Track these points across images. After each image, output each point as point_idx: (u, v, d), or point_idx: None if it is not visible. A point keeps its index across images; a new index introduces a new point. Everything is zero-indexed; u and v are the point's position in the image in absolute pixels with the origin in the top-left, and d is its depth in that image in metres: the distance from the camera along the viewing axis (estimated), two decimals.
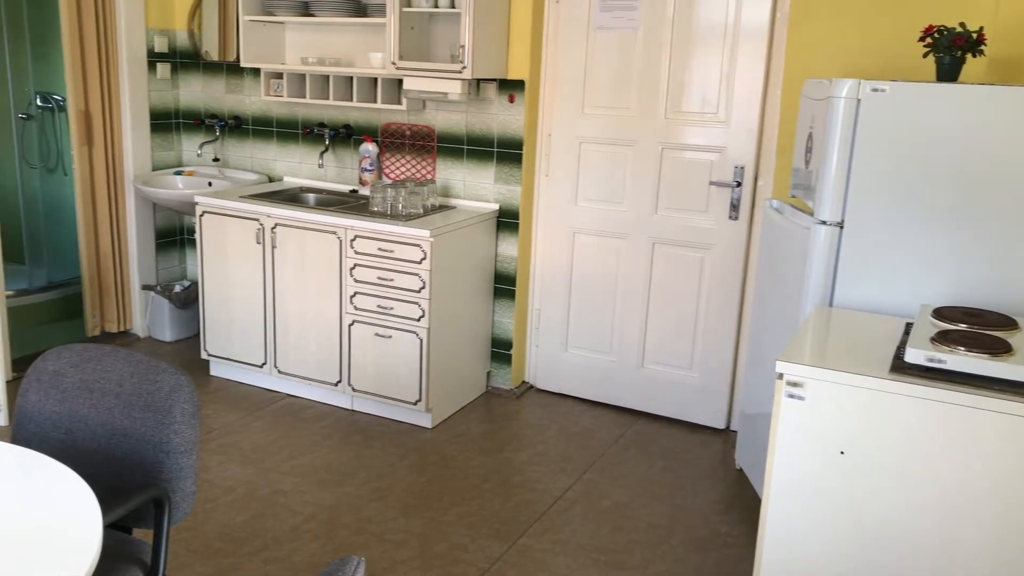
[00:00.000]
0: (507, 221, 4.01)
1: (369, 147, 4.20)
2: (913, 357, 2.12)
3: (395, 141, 4.21)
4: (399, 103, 4.01)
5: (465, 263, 3.83)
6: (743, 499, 3.29)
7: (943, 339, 2.17)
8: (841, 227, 2.70)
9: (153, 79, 4.57)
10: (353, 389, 3.84)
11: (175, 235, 4.86)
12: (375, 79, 4.01)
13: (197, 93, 4.71)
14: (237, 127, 4.64)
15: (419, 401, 3.71)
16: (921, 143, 2.56)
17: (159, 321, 4.66)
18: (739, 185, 3.64)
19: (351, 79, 4.08)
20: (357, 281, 3.71)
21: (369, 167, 4.22)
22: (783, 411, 2.20)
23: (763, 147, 3.60)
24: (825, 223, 2.71)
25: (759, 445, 3.17)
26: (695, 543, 2.98)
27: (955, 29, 2.71)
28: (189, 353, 4.52)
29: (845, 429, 2.14)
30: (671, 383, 3.95)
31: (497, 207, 4.00)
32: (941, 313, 2.41)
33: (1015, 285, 2.54)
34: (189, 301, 4.66)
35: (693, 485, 3.39)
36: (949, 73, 2.73)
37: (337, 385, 3.88)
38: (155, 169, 4.66)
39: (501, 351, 4.16)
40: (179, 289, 4.65)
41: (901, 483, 2.12)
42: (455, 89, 3.73)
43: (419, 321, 3.62)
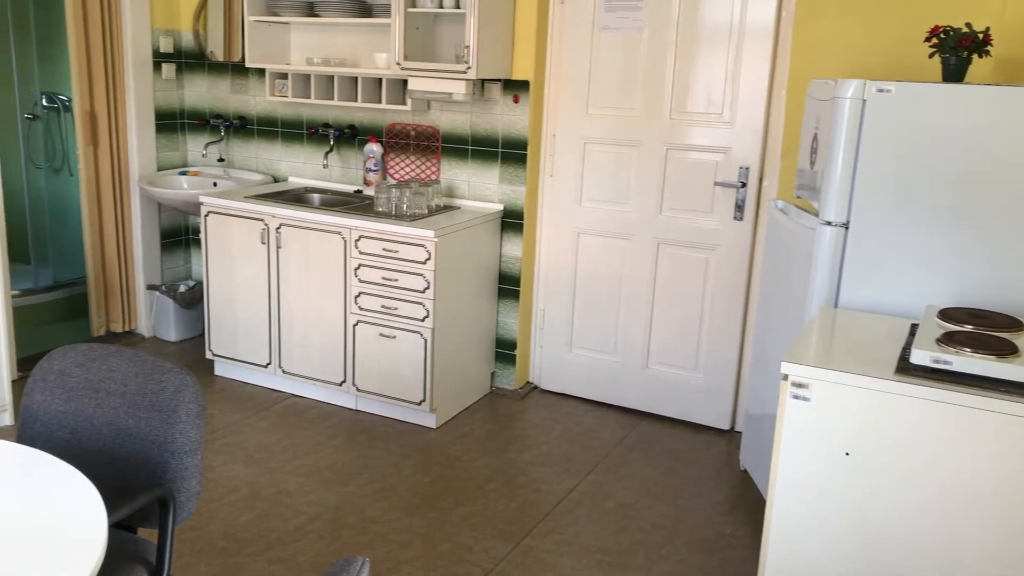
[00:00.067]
0: (511, 221, 4.01)
1: (374, 147, 4.20)
2: (919, 358, 2.12)
3: (400, 141, 4.22)
4: (404, 103, 4.01)
5: (469, 263, 3.83)
6: (747, 500, 3.29)
7: (949, 340, 2.16)
8: (846, 228, 2.69)
9: (158, 79, 4.58)
10: (357, 389, 3.85)
11: (180, 235, 4.87)
12: (380, 79, 4.02)
13: (202, 93, 4.72)
14: (242, 127, 4.64)
15: (423, 401, 3.71)
16: (927, 144, 2.55)
17: (164, 321, 4.67)
18: (744, 186, 3.63)
19: (356, 79, 4.08)
20: (361, 281, 3.72)
21: (373, 167, 4.22)
22: (788, 412, 2.20)
23: (768, 148, 3.59)
24: (830, 224, 2.71)
25: (764, 446, 3.17)
26: (699, 544, 2.98)
27: (961, 29, 2.71)
28: (194, 353, 4.53)
29: (850, 430, 2.14)
30: (675, 384, 3.95)
31: (501, 207, 4.00)
32: (947, 314, 2.40)
33: (1021, 286, 2.53)
34: (194, 301, 4.67)
35: (697, 486, 3.38)
36: (955, 73, 2.72)
37: (341, 385, 3.88)
38: (160, 169, 4.67)
39: (505, 351, 4.16)
40: (184, 289, 4.65)
41: (906, 484, 2.11)
42: (460, 89, 3.73)
43: (423, 321, 3.62)
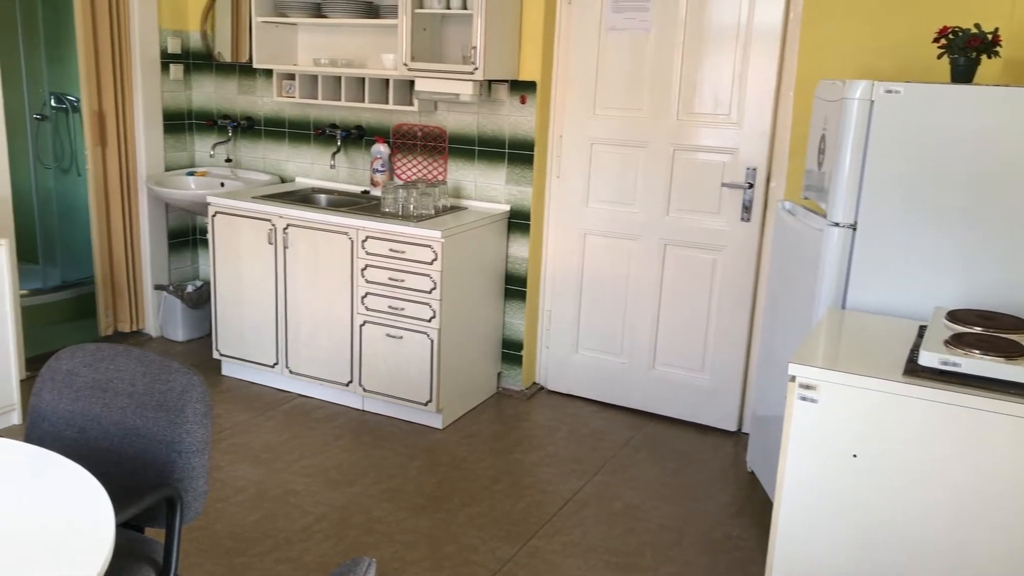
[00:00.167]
0: (518, 222, 4.01)
1: (381, 148, 4.20)
2: (927, 360, 2.11)
3: (407, 142, 4.22)
4: (411, 104, 4.01)
5: (476, 264, 3.83)
6: (754, 501, 3.28)
7: (957, 342, 2.15)
8: (854, 229, 2.68)
9: (166, 80, 4.59)
10: (364, 389, 3.85)
11: (187, 235, 4.88)
12: (387, 80, 4.02)
13: (210, 94, 4.73)
14: (249, 128, 4.65)
15: (430, 402, 3.71)
16: (935, 145, 2.54)
17: (171, 321, 4.68)
18: (751, 187, 3.62)
19: (363, 80, 4.08)
20: (368, 282, 3.72)
21: (381, 168, 4.22)
22: (795, 414, 2.19)
23: (775, 149, 3.58)
24: (838, 225, 2.70)
25: (771, 447, 3.16)
26: (706, 545, 2.97)
27: (970, 30, 2.69)
28: (201, 353, 4.54)
29: (858, 432, 2.13)
30: (682, 385, 3.94)
31: (508, 208, 4.00)
32: (955, 316, 2.39)
33: None
34: (201, 301, 4.68)
35: (704, 487, 3.38)
36: (964, 74, 2.71)
37: (348, 385, 3.89)
38: (168, 170, 4.68)
39: (512, 352, 4.16)
40: (191, 289, 4.67)
41: (914, 486, 2.11)
42: (467, 90, 3.73)
43: (430, 322, 3.62)
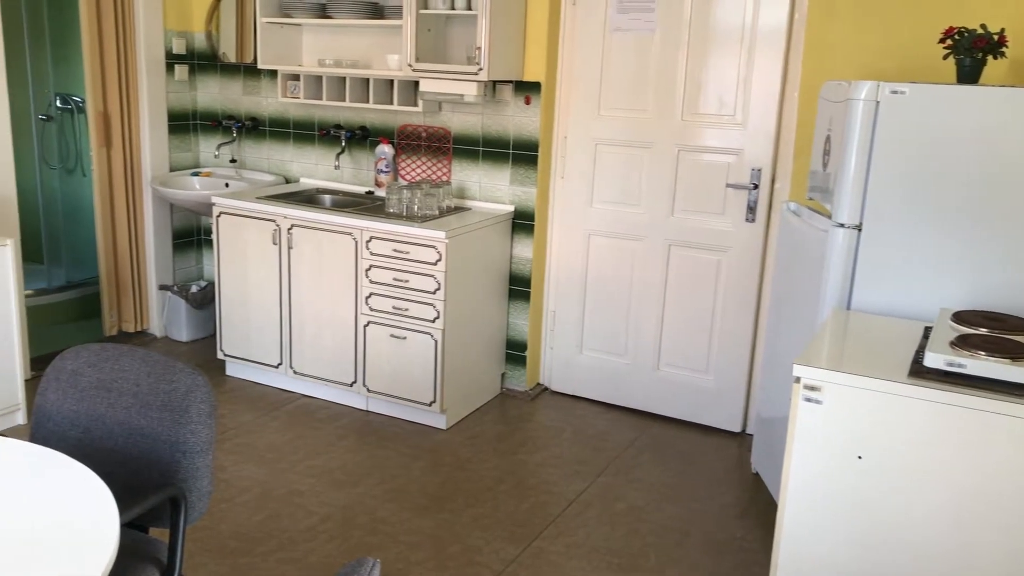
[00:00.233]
0: (522, 223, 4.01)
1: (385, 149, 4.20)
2: (932, 361, 2.10)
3: (411, 143, 4.22)
4: (415, 105, 4.01)
5: (480, 265, 3.83)
6: (759, 503, 3.27)
7: (963, 343, 2.15)
8: (859, 230, 2.68)
9: (171, 81, 4.60)
10: (368, 390, 3.85)
11: (192, 236, 4.88)
12: (391, 81, 4.02)
13: (214, 94, 4.73)
14: (254, 128, 4.66)
15: (434, 402, 3.71)
16: (941, 146, 2.54)
17: (176, 321, 4.68)
18: (756, 187, 3.62)
19: (367, 81, 4.09)
20: (372, 282, 3.72)
21: (385, 169, 4.23)
22: (800, 415, 2.19)
23: (780, 149, 3.58)
24: (843, 226, 2.69)
25: (775, 449, 3.16)
26: (710, 547, 2.97)
27: (976, 31, 2.69)
28: (205, 353, 4.54)
29: (863, 433, 2.13)
30: (686, 386, 3.93)
31: (512, 209, 4.00)
32: (961, 317, 2.38)
33: None
34: (206, 301, 4.69)
35: (708, 489, 3.37)
36: (970, 75, 2.70)
37: (352, 386, 3.89)
38: (172, 170, 4.69)
39: (516, 353, 4.16)
40: (196, 289, 4.67)
41: (918, 487, 2.10)
42: (471, 91, 3.73)
43: (434, 322, 3.62)
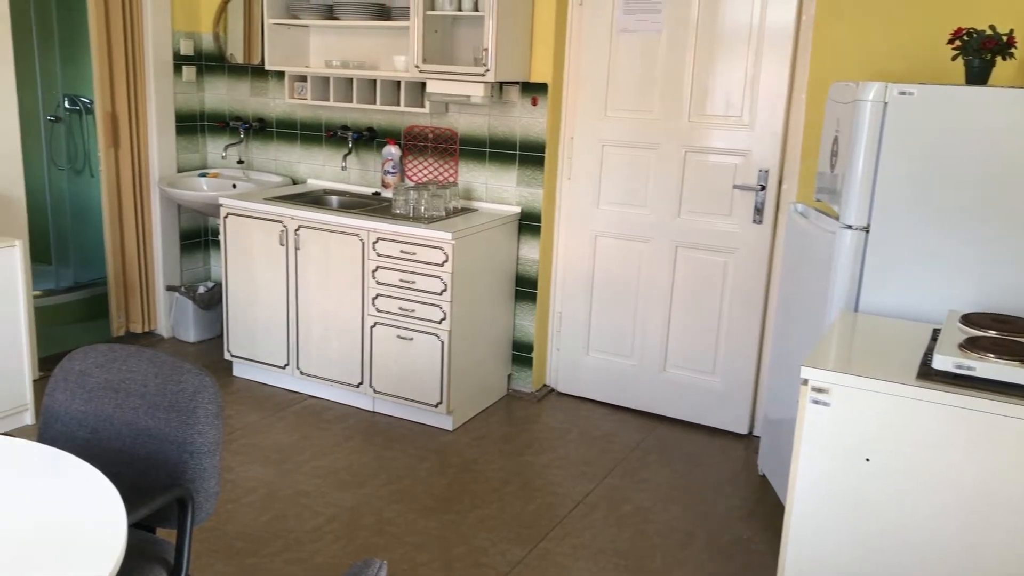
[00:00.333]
0: (529, 224, 4.01)
1: (392, 150, 4.21)
2: (941, 364, 2.09)
3: (418, 144, 4.22)
4: (422, 106, 4.02)
5: (486, 266, 3.83)
6: (766, 505, 3.27)
7: (972, 345, 2.14)
8: (867, 231, 2.67)
9: (179, 82, 4.61)
10: (374, 391, 3.85)
11: (199, 236, 4.90)
12: (398, 82, 4.02)
13: (222, 96, 4.74)
14: (261, 129, 4.67)
15: (440, 403, 3.71)
16: (949, 147, 2.53)
17: (183, 322, 4.69)
18: (763, 189, 3.61)
19: (374, 82, 4.09)
20: (379, 283, 3.72)
21: (392, 170, 4.23)
22: (808, 417, 2.18)
23: (787, 150, 3.57)
24: (851, 227, 2.69)
25: (782, 451, 3.15)
26: (717, 549, 2.96)
27: (985, 31, 2.68)
28: (212, 354, 4.55)
29: (871, 436, 2.12)
30: (693, 387, 3.93)
31: (519, 210, 4.00)
32: (970, 319, 2.37)
33: None
34: (213, 302, 4.70)
35: (715, 490, 3.36)
36: (979, 76, 2.69)
37: (359, 387, 3.89)
38: (180, 171, 4.70)
39: (522, 354, 4.16)
40: (203, 290, 4.68)
41: (926, 490, 2.09)
42: (478, 92, 3.73)
43: (440, 323, 3.62)
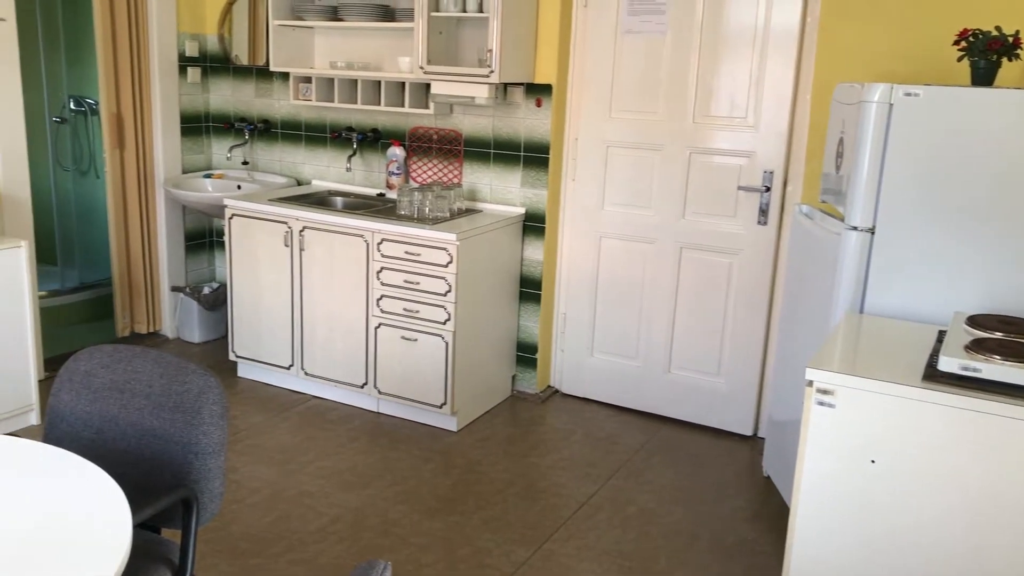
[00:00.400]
0: (533, 225, 4.01)
1: (396, 151, 4.21)
2: (947, 365, 2.09)
3: (422, 145, 4.22)
4: (427, 107, 4.02)
5: (491, 267, 3.83)
6: (770, 506, 3.26)
7: (978, 347, 2.13)
8: (872, 233, 2.67)
9: (184, 83, 4.62)
10: (379, 392, 3.85)
11: (204, 237, 4.90)
12: (403, 83, 4.03)
13: (227, 97, 4.75)
14: (266, 131, 4.67)
15: (444, 404, 3.71)
16: (955, 148, 2.52)
17: (188, 322, 4.70)
18: (768, 190, 3.61)
19: (379, 83, 4.09)
20: (383, 284, 3.73)
21: (396, 171, 4.23)
22: (813, 418, 2.17)
23: (792, 152, 3.56)
24: (856, 229, 2.68)
25: (787, 452, 3.14)
26: (721, 550, 2.96)
27: (991, 33, 2.67)
28: (217, 354, 4.56)
29: (876, 437, 2.12)
30: (698, 389, 3.92)
31: (523, 211, 4.00)
32: (975, 321, 2.37)
33: None
34: (218, 303, 4.70)
35: (720, 492, 3.36)
36: (984, 77, 2.69)
37: (363, 387, 3.89)
38: (185, 172, 4.71)
39: (526, 355, 4.16)
40: (208, 291, 4.69)
41: (931, 492, 2.09)
42: (482, 93, 3.73)
43: (445, 324, 3.62)
